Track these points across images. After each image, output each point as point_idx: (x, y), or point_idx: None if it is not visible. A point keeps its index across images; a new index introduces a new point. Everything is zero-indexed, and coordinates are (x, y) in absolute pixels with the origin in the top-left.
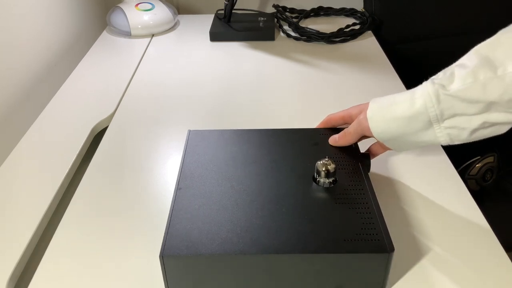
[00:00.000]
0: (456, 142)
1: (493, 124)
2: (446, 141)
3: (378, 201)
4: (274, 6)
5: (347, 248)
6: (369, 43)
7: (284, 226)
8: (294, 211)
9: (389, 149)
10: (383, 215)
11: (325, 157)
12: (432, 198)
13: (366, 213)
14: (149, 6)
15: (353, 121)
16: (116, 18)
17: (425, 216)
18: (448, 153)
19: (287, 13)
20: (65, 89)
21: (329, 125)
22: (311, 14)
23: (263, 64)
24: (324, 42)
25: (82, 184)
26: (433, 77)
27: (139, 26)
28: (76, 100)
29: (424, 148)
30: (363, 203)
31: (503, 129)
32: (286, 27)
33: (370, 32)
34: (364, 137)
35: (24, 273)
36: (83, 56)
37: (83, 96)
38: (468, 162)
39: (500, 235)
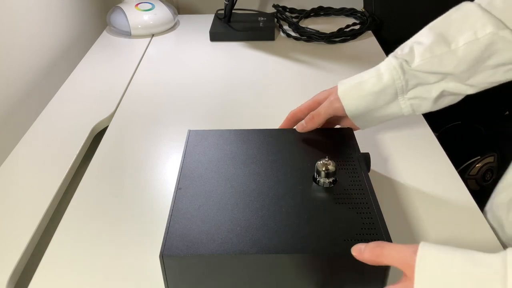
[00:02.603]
0: (418, 113)
1: (450, 94)
2: (409, 112)
3: (378, 201)
4: (274, 6)
5: (347, 248)
6: (369, 43)
7: (284, 226)
8: (294, 211)
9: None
10: (383, 215)
11: (325, 157)
12: (432, 198)
13: (366, 213)
14: (149, 6)
15: None
16: (116, 18)
17: (425, 216)
18: (448, 153)
19: (287, 13)
20: (65, 89)
21: (294, 120)
22: (311, 14)
23: (263, 64)
24: (324, 42)
25: (82, 184)
26: (393, 53)
27: (139, 26)
28: (76, 100)
29: (424, 148)
30: (363, 203)
31: (458, 98)
32: (286, 27)
33: (370, 32)
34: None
35: (24, 273)
36: (83, 56)
37: (83, 96)
38: (468, 162)
39: None
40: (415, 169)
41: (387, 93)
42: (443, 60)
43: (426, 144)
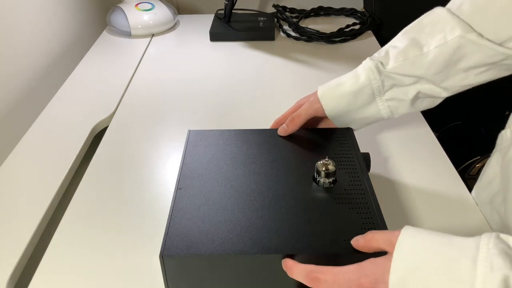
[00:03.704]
0: (396, 115)
1: (426, 96)
2: (387, 114)
3: (378, 201)
4: (274, 6)
5: (347, 248)
6: (369, 43)
7: (284, 226)
8: (294, 211)
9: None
10: (383, 215)
11: (325, 157)
12: (432, 198)
13: (366, 213)
14: (149, 6)
15: None
16: (116, 18)
17: (425, 216)
18: (448, 153)
19: (287, 13)
20: (65, 89)
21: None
22: (311, 14)
23: (263, 64)
24: (324, 42)
25: (82, 184)
26: (370, 57)
27: (139, 26)
28: (76, 100)
29: (424, 147)
30: (363, 203)
31: (436, 101)
32: (286, 27)
33: (370, 32)
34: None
35: (24, 273)
36: (83, 56)
37: (83, 96)
38: (468, 162)
39: None
40: (415, 169)
41: (364, 93)
42: (414, 63)
43: (426, 144)
